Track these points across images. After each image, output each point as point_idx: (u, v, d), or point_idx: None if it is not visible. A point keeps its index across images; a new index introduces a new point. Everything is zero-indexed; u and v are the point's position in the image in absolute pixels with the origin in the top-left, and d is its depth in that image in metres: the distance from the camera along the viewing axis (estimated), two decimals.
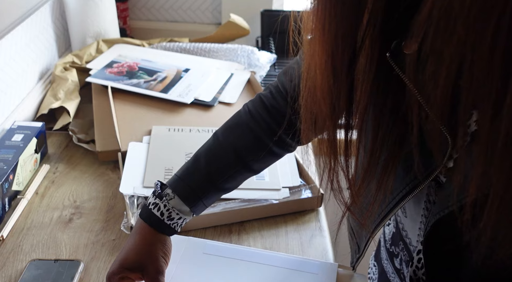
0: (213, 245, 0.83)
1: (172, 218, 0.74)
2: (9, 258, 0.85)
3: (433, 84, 0.44)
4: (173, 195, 0.74)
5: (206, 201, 0.77)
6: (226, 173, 0.76)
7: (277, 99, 0.76)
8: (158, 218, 0.74)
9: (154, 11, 1.75)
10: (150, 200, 0.75)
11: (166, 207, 0.74)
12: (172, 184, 0.76)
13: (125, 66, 1.34)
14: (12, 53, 1.17)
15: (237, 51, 1.45)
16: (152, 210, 0.74)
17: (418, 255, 0.61)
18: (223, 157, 0.76)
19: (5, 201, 0.93)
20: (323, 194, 0.98)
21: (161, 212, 0.74)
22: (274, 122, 0.76)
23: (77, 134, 1.15)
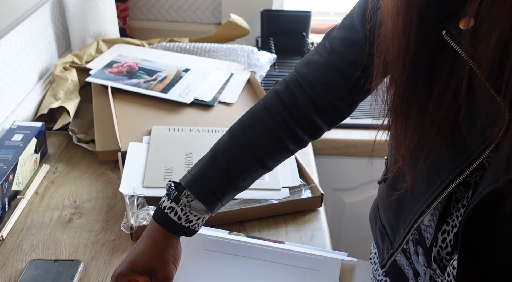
0: (214, 241, 0.83)
1: (190, 221, 0.73)
2: (9, 258, 0.85)
3: (486, 49, 0.50)
4: (193, 198, 0.73)
5: (223, 201, 0.77)
6: (245, 173, 0.76)
7: (295, 94, 0.76)
8: (175, 222, 0.73)
9: (154, 11, 1.75)
10: (165, 204, 0.74)
11: (183, 211, 0.73)
12: (189, 185, 0.74)
13: (125, 66, 1.34)
14: (12, 53, 1.17)
15: (237, 51, 1.45)
16: (169, 214, 0.73)
17: (442, 235, 0.63)
18: (242, 157, 0.76)
19: (5, 201, 0.93)
20: (323, 194, 0.98)
21: (178, 216, 0.73)
22: (291, 118, 0.76)
23: (77, 134, 1.15)
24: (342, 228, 1.47)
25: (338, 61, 0.74)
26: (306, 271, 0.78)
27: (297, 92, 0.76)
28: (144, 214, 0.89)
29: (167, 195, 0.75)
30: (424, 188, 0.64)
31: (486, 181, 0.55)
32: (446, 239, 0.64)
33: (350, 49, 0.73)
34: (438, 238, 0.65)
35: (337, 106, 0.76)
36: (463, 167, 0.58)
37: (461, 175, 0.59)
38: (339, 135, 1.28)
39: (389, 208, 0.75)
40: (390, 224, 0.75)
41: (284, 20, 1.62)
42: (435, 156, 0.61)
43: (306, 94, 0.75)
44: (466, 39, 0.53)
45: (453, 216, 0.64)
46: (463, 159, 0.58)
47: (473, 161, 0.57)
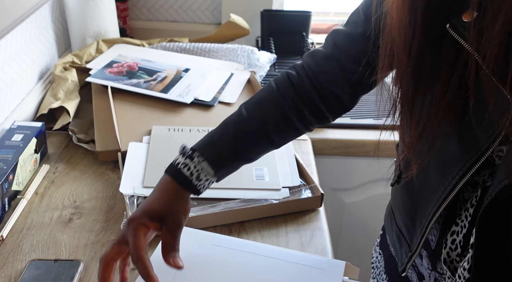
0: (221, 238, 0.84)
1: (200, 179, 0.76)
2: (9, 258, 0.85)
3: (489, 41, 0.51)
4: (203, 159, 0.77)
5: (229, 168, 0.80)
6: (252, 145, 0.80)
7: (302, 78, 0.80)
8: (186, 178, 0.76)
9: (154, 11, 1.75)
10: (179, 160, 0.77)
11: (196, 168, 0.76)
12: (200, 148, 0.78)
13: (125, 66, 1.34)
14: (12, 53, 1.17)
15: (237, 51, 1.45)
16: (182, 169, 0.76)
17: (451, 236, 0.63)
18: (250, 129, 0.79)
19: (5, 201, 0.93)
20: (323, 194, 0.98)
21: (190, 172, 0.76)
22: (298, 99, 0.79)
23: (77, 134, 1.15)
24: (342, 228, 1.47)
25: (339, 55, 0.77)
26: (310, 269, 0.78)
27: (303, 77, 0.80)
28: None
29: (182, 154, 0.78)
30: (437, 185, 0.64)
31: (500, 176, 0.55)
32: (455, 241, 0.64)
33: (352, 45, 0.75)
34: (447, 239, 0.65)
35: (339, 97, 0.79)
36: (472, 161, 0.58)
37: (471, 170, 0.59)
38: (339, 135, 1.28)
39: (404, 210, 0.75)
40: (407, 226, 0.75)
41: (284, 20, 1.62)
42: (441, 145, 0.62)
43: (310, 80, 0.79)
44: (470, 31, 0.54)
45: (461, 216, 0.63)
46: (471, 154, 0.58)
47: (482, 154, 0.57)
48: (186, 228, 0.85)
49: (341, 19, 1.89)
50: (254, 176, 1.00)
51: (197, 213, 0.91)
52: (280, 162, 1.05)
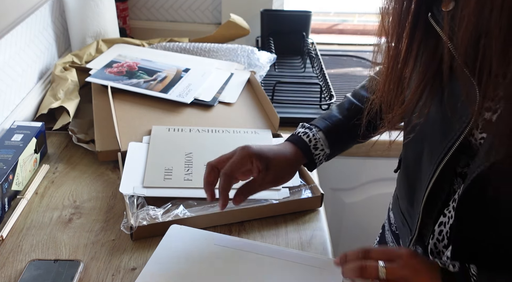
0: (223, 238, 0.84)
1: (317, 148, 0.86)
2: (8, 258, 0.85)
3: (460, 30, 0.55)
4: (318, 129, 0.87)
5: (341, 143, 0.91)
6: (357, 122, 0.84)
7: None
8: (306, 144, 0.85)
9: (154, 11, 1.75)
10: (299, 130, 0.88)
11: (314, 137, 0.86)
12: (316, 122, 0.89)
13: (125, 66, 1.34)
14: (12, 53, 1.17)
15: (237, 51, 1.45)
16: (302, 136, 0.86)
17: (439, 227, 0.66)
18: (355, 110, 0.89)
19: (4, 201, 0.93)
20: (323, 194, 0.97)
21: (309, 139, 0.85)
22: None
23: (76, 134, 1.15)
24: (342, 228, 1.47)
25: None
26: (310, 268, 0.79)
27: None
28: (144, 214, 0.89)
29: (301, 125, 0.89)
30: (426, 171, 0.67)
31: (476, 163, 0.58)
32: (442, 232, 0.66)
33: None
34: (435, 230, 0.67)
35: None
36: (448, 147, 0.62)
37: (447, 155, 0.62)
38: None
39: (405, 196, 0.79)
40: (408, 211, 0.78)
41: (284, 20, 1.62)
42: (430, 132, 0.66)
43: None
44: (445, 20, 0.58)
45: (449, 207, 0.65)
46: (448, 140, 0.62)
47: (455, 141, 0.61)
48: (187, 227, 0.85)
49: (341, 19, 1.90)
50: None
51: (197, 213, 0.91)
52: None
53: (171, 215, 0.90)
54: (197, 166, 1.01)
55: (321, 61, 1.51)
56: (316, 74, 1.50)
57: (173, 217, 0.90)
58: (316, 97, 1.35)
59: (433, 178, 0.65)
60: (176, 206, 0.93)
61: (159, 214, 0.90)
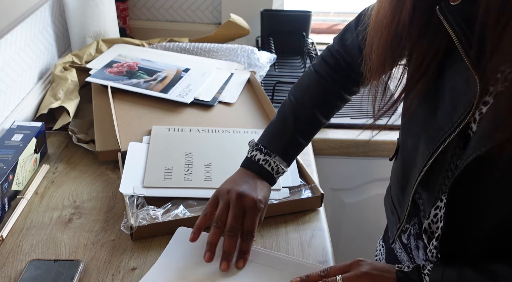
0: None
1: (278, 172, 0.88)
2: (8, 258, 0.85)
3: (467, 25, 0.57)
4: (275, 154, 0.88)
5: (296, 155, 0.92)
6: (310, 128, 0.91)
7: (337, 58, 0.90)
8: (269, 173, 0.87)
9: (154, 11, 1.75)
10: (258, 156, 0.87)
11: (276, 164, 0.87)
12: (271, 144, 0.88)
13: (125, 66, 1.34)
14: (12, 53, 1.17)
15: (237, 51, 1.45)
16: (264, 165, 0.87)
17: (435, 210, 0.68)
18: (306, 114, 0.90)
19: (4, 201, 0.93)
20: (323, 194, 0.97)
21: (271, 167, 0.87)
22: (338, 75, 0.90)
23: (76, 134, 1.15)
24: (342, 228, 1.47)
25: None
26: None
27: (337, 57, 0.90)
28: (144, 214, 0.89)
29: (257, 150, 0.88)
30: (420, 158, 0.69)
31: (469, 150, 0.59)
32: (437, 215, 0.68)
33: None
34: (431, 212, 0.69)
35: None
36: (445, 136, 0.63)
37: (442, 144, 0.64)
38: (339, 135, 1.28)
39: (397, 183, 0.80)
40: (398, 198, 0.80)
41: (284, 20, 1.62)
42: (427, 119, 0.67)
43: (344, 60, 0.90)
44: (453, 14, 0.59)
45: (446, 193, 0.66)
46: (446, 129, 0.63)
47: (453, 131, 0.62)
48: (184, 228, 0.85)
49: (341, 19, 1.90)
50: None
51: (197, 213, 0.91)
52: None
53: (171, 215, 0.90)
54: (197, 166, 1.01)
55: None
56: None
57: (173, 217, 0.90)
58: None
59: (425, 167, 0.67)
60: (176, 206, 0.93)
61: (159, 214, 0.90)
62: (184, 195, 0.95)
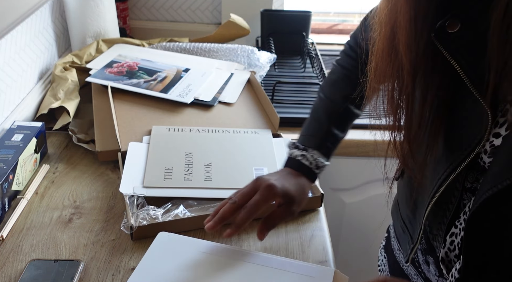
0: (210, 245, 0.83)
1: (318, 166, 0.88)
2: (9, 258, 0.85)
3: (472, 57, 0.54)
4: (312, 149, 0.88)
5: (334, 149, 0.91)
6: (343, 122, 0.91)
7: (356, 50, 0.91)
8: (307, 168, 0.87)
9: (154, 11, 1.75)
10: (296, 153, 0.88)
11: (313, 158, 0.87)
12: (306, 141, 0.89)
13: (125, 66, 1.34)
14: (12, 53, 1.17)
15: (237, 51, 1.45)
16: (301, 160, 0.87)
17: (450, 237, 0.65)
18: (338, 110, 0.90)
19: (5, 201, 0.93)
20: (323, 194, 0.97)
21: (309, 162, 0.87)
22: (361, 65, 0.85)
23: (77, 134, 1.15)
24: (342, 228, 1.47)
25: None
26: (300, 277, 0.77)
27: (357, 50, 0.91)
28: (144, 214, 0.89)
29: (295, 147, 0.89)
30: (429, 184, 0.67)
31: (485, 186, 0.56)
32: (454, 242, 0.65)
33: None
34: (446, 240, 0.66)
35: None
36: (454, 165, 0.61)
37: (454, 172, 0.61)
38: None
39: (406, 203, 0.78)
40: (409, 219, 0.78)
41: (284, 20, 1.62)
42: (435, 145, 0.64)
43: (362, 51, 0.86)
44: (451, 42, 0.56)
45: (460, 219, 0.64)
46: (454, 158, 0.61)
47: (463, 161, 0.60)
48: (174, 235, 0.84)
49: (341, 19, 1.89)
50: (254, 176, 1.00)
51: (197, 213, 0.91)
52: (280, 162, 1.05)
53: (171, 215, 0.90)
54: (197, 166, 1.01)
55: (321, 61, 1.51)
56: (316, 74, 1.50)
57: (173, 217, 0.90)
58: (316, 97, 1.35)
59: (436, 194, 0.64)
60: (176, 206, 0.93)
61: (159, 214, 0.90)
62: (184, 195, 0.95)
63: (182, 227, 0.90)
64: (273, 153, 1.07)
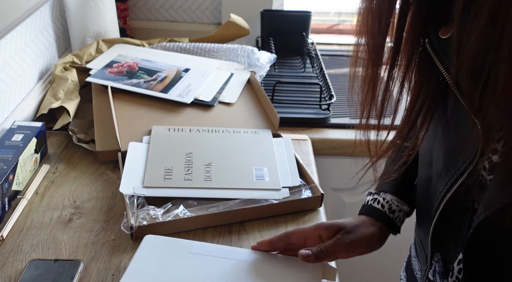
0: (198, 244, 0.82)
1: (392, 210, 0.76)
2: (9, 258, 0.85)
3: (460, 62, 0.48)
4: (384, 192, 0.78)
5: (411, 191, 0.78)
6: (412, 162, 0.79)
7: None
8: (379, 211, 0.76)
9: (154, 11, 1.75)
10: (367, 198, 0.80)
11: (385, 200, 0.77)
12: (377, 187, 0.80)
13: (125, 66, 1.34)
14: (12, 53, 1.17)
15: (237, 51, 1.45)
16: (373, 204, 0.78)
17: (458, 265, 0.60)
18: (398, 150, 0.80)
19: (5, 201, 0.93)
20: (323, 194, 0.98)
21: (381, 204, 0.77)
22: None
23: (77, 134, 1.15)
24: None
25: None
26: (288, 270, 0.77)
27: None
28: (144, 214, 0.89)
29: (368, 194, 0.80)
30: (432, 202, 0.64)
31: (479, 209, 0.53)
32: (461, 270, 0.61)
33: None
34: (454, 268, 0.62)
35: None
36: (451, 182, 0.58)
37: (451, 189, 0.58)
38: (339, 135, 1.28)
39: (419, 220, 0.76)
40: (421, 239, 0.75)
41: (284, 20, 1.62)
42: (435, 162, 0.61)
43: None
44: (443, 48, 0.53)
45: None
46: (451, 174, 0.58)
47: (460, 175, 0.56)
48: (162, 237, 0.82)
49: (341, 19, 1.89)
50: (254, 176, 1.00)
51: (197, 213, 0.91)
52: (280, 162, 1.05)
53: (171, 215, 0.90)
54: (197, 166, 1.01)
55: (321, 61, 1.51)
56: (316, 74, 1.50)
57: (173, 217, 0.90)
58: (316, 97, 1.35)
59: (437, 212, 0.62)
60: (176, 206, 0.93)
61: (159, 214, 0.90)
62: (184, 195, 0.95)
63: (182, 227, 0.90)
64: (273, 153, 1.07)
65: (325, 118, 1.28)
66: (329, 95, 1.33)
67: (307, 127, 1.28)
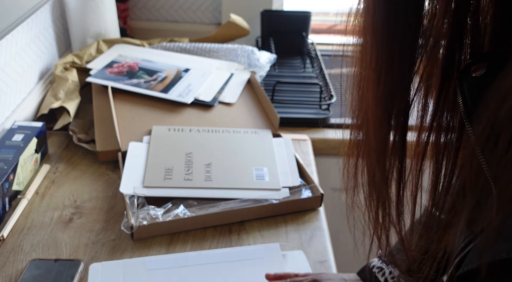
0: (154, 260, 0.82)
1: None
2: (9, 258, 0.85)
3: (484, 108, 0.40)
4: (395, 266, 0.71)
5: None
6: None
7: None
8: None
9: (154, 11, 1.75)
10: (374, 263, 0.74)
11: (392, 275, 0.71)
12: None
13: (125, 66, 1.35)
14: (13, 53, 1.18)
15: (237, 51, 1.45)
16: (376, 273, 0.73)
17: None
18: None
19: (5, 201, 0.93)
20: (323, 194, 0.98)
21: (385, 278, 0.72)
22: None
23: (77, 134, 1.16)
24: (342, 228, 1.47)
25: None
26: (251, 262, 0.78)
27: None
28: (144, 214, 0.90)
29: (377, 256, 0.74)
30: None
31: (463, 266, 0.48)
32: None
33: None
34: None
35: None
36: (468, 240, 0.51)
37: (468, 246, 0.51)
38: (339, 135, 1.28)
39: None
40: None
41: (284, 20, 1.63)
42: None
43: None
44: (470, 87, 0.45)
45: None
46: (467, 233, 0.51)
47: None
48: (109, 262, 0.82)
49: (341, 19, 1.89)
50: (254, 176, 1.00)
51: (197, 213, 0.91)
52: (280, 162, 1.05)
53: (171, 215, 0.90)
54: (197, 166, 1.02)
55: (321, 61, 1.51)
56: (316, 74, 1.50)
57: (173, 217, 0.90)
58: (316, 97, 1.36)
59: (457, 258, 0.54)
60: (176, 206, 0.93)
61: (160, 214, 0.90)
62: (184, 195, 0.95)
63: (182, 227, 0.90)
64: (273, 153, 1.07)
65: (325, 118, 1.29)
66: (329, 95, 1.33)
67: (307, 127, 1.28)
